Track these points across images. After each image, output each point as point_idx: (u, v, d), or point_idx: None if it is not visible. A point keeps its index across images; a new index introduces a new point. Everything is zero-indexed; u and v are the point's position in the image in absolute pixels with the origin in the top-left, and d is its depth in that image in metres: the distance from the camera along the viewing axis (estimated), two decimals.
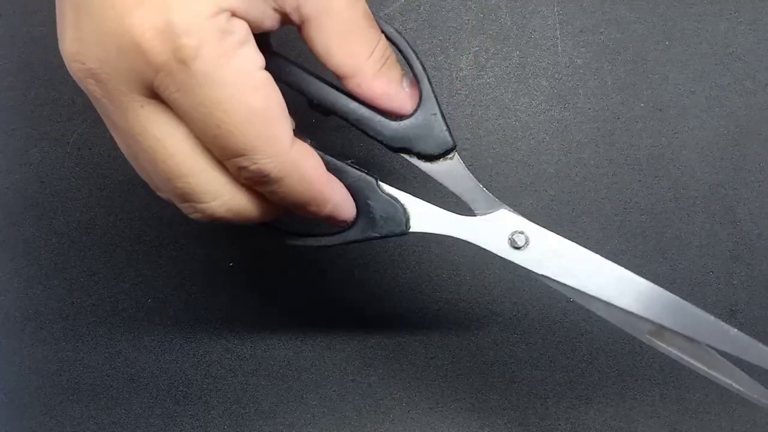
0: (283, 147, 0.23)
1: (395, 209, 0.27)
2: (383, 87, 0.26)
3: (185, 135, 0.23)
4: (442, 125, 0.27)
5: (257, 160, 0.23)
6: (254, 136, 0.23)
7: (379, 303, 0.38)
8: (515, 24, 0.37)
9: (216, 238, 0.38)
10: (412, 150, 0.27)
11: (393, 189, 0.28)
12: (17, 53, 0.38)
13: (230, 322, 0.38)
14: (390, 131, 0.27)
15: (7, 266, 0.38)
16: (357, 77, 0.26)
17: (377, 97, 0.26)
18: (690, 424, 0.37)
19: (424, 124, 0.27)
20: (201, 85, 0.22)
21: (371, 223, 0.27)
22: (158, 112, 0.23)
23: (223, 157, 0.23)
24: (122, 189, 0.38)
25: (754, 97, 0.37)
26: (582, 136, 0.37)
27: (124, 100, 0.23)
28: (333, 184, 0.26)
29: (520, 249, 0.27)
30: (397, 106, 0.27)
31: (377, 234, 0.27)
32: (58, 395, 0.39)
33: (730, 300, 0.38)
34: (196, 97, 0.22)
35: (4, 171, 0.38)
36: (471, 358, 0.38)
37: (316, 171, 0.25)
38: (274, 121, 0.23)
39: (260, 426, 0.38)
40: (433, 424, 0.38)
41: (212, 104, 0.22)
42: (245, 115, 0.22)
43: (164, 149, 0.23)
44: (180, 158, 0.23)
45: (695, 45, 0.37)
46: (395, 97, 0.26)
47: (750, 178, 0.38)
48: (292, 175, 0.24)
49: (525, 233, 0.27)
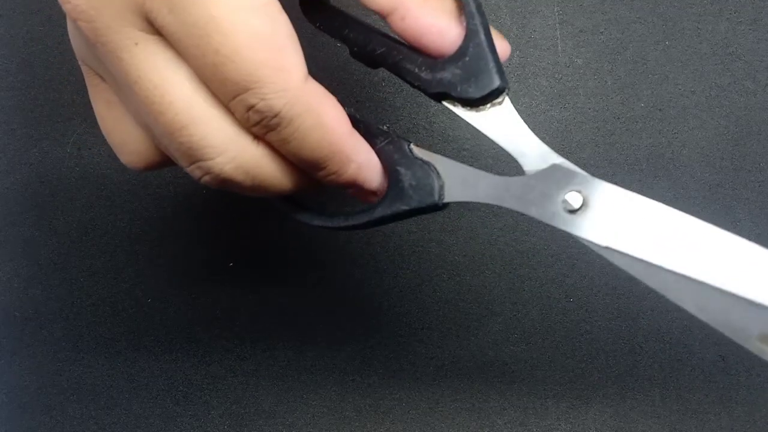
0: (295, 79, 0.20)
1: (427, 175, 0.23)
2: (431, 18, 0.22)
3: (186, 77, 0.21)
4: (489, 62, 0.22)
5: (264, 95, 0.20)
6: (259, 62, 0.20)
7: (379, 303, 0.38)
8: (515, 24, 0.37)
9: (216, 238, 0.38)
10: (455, 94, 0.23)
11: (427, 152, 0.23)
12: (17, 53, 0.38)
13: (230, 322, 0.38)
14: (432, 74, 0.23)
15: (7, 266, 0.38)
16: (400, 9, 0.22)
17: (424, 31, 0.22)
18: (690, 424, 0.37)
19: (469, 63, 0.22)
20: (193, 2, 0.19)
21: (399, 194, 0.23)
22: (155, 51, 0.21)
23: (227, 95, 0.20)
24: (122, 189, 0.38)
25: (754, 97, 0.37)
26: (582, 136, 0.37)
27: (116, 39, 0.20)
28: (357, 140, 0.23)
29: (576, 213, 0.21)
30: (450, 42, 0.23)
31: (406, 207, 0.23)
32: (58, 395, 0.39)
33: None
34: (190, 16, 0.19)
35: (4, 171, 0.38)
36: (471, 358, 0.38)
37: (336, 119, 0.22)
38: (281, 49, 0.20)
39: (260, 426, 0.38)
40: (433, 424, 0.38)
41: (207, 25, 0.19)
42: (247, 37, 0.19)
43: (162, 97, 0.21)
44: (180, 105, 0.21)
45: (695, 45, 0.37)
46: (446, 32, 0.23)
47: (750, 178, 0.37)
48: (306, 116, 0.21)
49: (582, 192, 0.21)
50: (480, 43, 0.22)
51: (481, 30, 0.22)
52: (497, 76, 0.22)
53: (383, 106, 0.37)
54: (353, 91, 0.37)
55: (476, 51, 0.22)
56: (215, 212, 0.38)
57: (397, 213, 0.23)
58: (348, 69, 0.36)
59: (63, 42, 0.37)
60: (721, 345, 0.38)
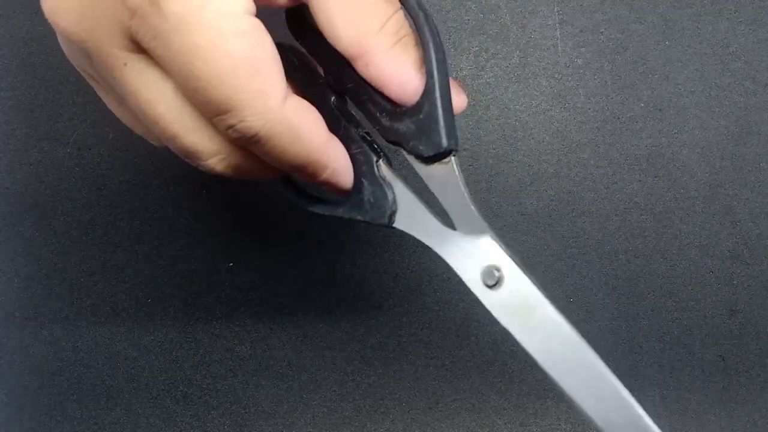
0: (273, 103, 0.21)
1: (384, 197, 0.24)
2: (394, 68, 0.23)
3: (172, 93, 0.21)
4: (440, 123, 0.23)
5: (243, 117, 0.21)
6: (238, 89, 0.20)
7: (379, 303, 0.38)
8: (515, 24, 0.37)
9: (216, 238, 0.38)
10: (407, 147, 0.24)
11: (392, 174, 0.25)
12: (17, 53, 0.38)
13: (230, 322, 0.38)
14: (390, 122, 0.24)
15: (7, 266, 0.38)
16: (366, 56, 0.23)
17: (387, 81, 0.23)
18: (690, 424, 0.37)
19: (423, 121, 0.23)
20: (177, 30, 0.20)
21: (359, 204, 0.25)
22: (142, 69, 0.21)
23: (208, 114, 0.21)
24: (122, 189, 0.38)
25: (754, 97, 0.37)
26: (582, 136, 0.37)
27: (107, 60, 0.21)
28: (333, 147, 0.24)
29: (492, 288, 0.24)
30: (412, 91, 0.23)
31: (361, 218, 0.25)
32: (58, 395, 0.39)
33: (730, 300, 0.38)
34: (173, 44, 0.20)
35: (4, 171, 0.38)
36: (471, 358, 0.38)
37: (313, 132, 0.23)
38: (261, 73, 0.21)
39: (260, 426, 0.38)
40: (433, 424, 0.38)
41: (190, 52, 0.20)
42: (227, 64, 0.20)
43: (153, 110, 0.22)
44: (169, 118, 0.22)
45: (695, 45, 0.37)
46: (408, 83, 0.23)
47: (750, 178, 0.37)
48: (284, 134, 0.22)
49: (501, 271, 0.23)
50: (434, 103, 0.23)
51: (436, 89, 0.23)
52: (446, 138, 0.23)
53: None
54: None
55: (430, 110, 0.23)
56: (215, 212, 0.38)
57: (354, 219, 0.25)
58: None
59: None
60: (721, 345, 0.38)
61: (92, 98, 0.37)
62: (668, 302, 0.38)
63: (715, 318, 0.38)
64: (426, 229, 0.24)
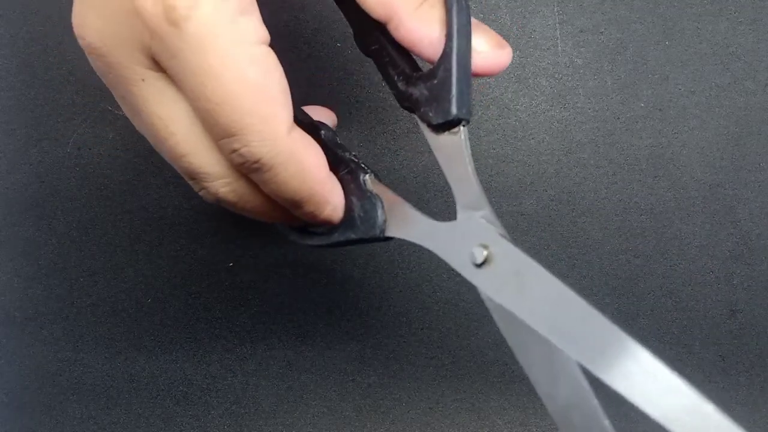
0: (279, 131, 0.22)
1: (374, 208, 0.24)
2: (423, 29, 0.22)
3: (186, 113, 0.22)
4: (451, 90, 0.22)
5: (248, 142, 0.21)
6: (246, 112, 0.21)
7: (379, 303, 0.38)
8: (515, 24, 0.37)
9: (216, 238, 0.38)
10: (418, 114, 0.23)
11: (380, 186, 0.25)
12: (17, 53, 0.38)
13: (230, 322, 0.38)
14: (405, 86, 0.23)
15: (7, 266, 0.38)
16: (394, 19, 0.23)
17: (416, 42, 0.23)
18: None
19: (436, 87, 0.22)
20: (193, 50, 0.20)
21: (351, 223, 0.25)
22: (159, 87, 0.22)
23: (216, 136, 0.22)
24: (122, 189, 0.38)
25: (754, 97, 0.37)
26: (582, 136, 0.37)
27: (125, 74, 0.22)
28: (333, 183, 0.25)
29: (480, 267, 0.22)
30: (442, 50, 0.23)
31: (355, 236, 0.25)
32: (58, 395, 0.39)
33: (730, 300, 0.38)
34: (189, 64, 0.21)
35: (4, 171, 0.38)
36: (471, 358, 0.38)
37: (315, 165, 0.23)
38: (269, 100, 0.21)
39: (260, 426, 0.38)
40: (433, 424, 0.38)
41: (204, 72, 0.21)
42: (236, 88, 0.21)
43: (165, 128, 0.23)
44: (180, 137, 0.23)
45: (695, 45, 0.37)
46: (437, 42, 0.22)
47: (750, 178, 0.37)
48: (287, 165, 0.22)
49: (488, 249, 0.22)
50: (449, 69, 0.22)
51: (453, 54, 0.22)
52: (456, 106, 0.22)
53: (383, 105, 0.37)
54: (353, 91, 0.37)
55: (444, 76, 0.22)
56: (215, 212, 0.38)
57: (349, 240, 0.25)
58: (347, 69, 0.36)
59: (63, 42, 0.37)
60: (721, 345, 0.38)
61: (92, 98, 0.37)
62: (668, 302, 0.38)
63: (715, 318, 0.38)
64: (418, 231, 0.24)
